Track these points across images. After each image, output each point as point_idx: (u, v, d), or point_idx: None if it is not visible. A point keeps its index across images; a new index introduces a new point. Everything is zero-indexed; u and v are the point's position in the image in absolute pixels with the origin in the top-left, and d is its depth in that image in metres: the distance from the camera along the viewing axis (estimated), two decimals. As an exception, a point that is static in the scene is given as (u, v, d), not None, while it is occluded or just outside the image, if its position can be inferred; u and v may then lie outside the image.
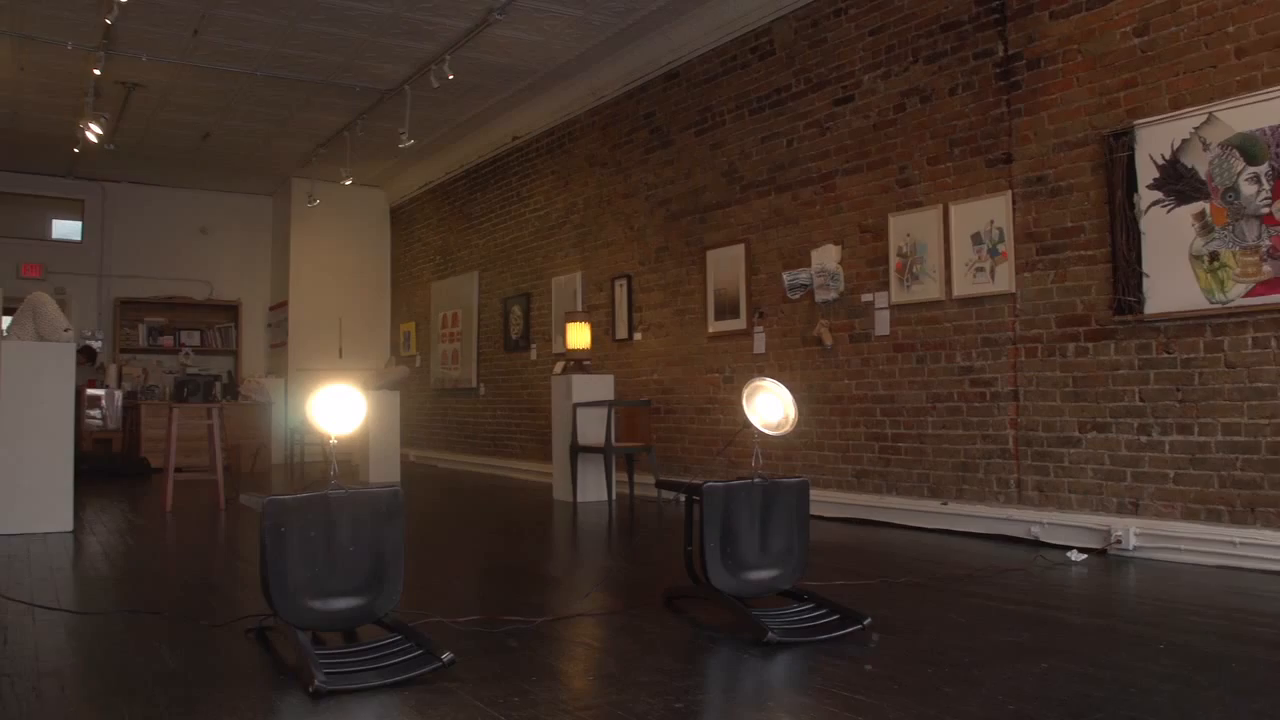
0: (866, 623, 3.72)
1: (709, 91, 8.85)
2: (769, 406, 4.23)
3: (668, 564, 5.37)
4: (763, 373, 7.78)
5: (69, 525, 6.92)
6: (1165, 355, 5.47)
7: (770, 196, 8.11)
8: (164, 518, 7.75)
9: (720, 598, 3.92)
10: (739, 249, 8.40)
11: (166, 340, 15.03)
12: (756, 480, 4.04)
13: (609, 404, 8.66)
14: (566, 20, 9.07)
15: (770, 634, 3.55)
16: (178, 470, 8.57)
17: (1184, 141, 5.36)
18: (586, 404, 8.72)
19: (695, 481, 4.09)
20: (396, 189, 15.39)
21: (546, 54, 9.96)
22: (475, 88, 10.92)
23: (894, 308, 7.04)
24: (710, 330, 8.71)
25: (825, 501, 7.23)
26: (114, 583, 5.18)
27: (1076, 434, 5.89)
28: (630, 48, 9.56)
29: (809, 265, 7.71)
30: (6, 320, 12.07)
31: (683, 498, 4.19)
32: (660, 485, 5.16)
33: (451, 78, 9.75)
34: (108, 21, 8.79)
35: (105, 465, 11.86)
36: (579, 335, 9.29)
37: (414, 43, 9.68)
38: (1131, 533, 5.50)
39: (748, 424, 4.24)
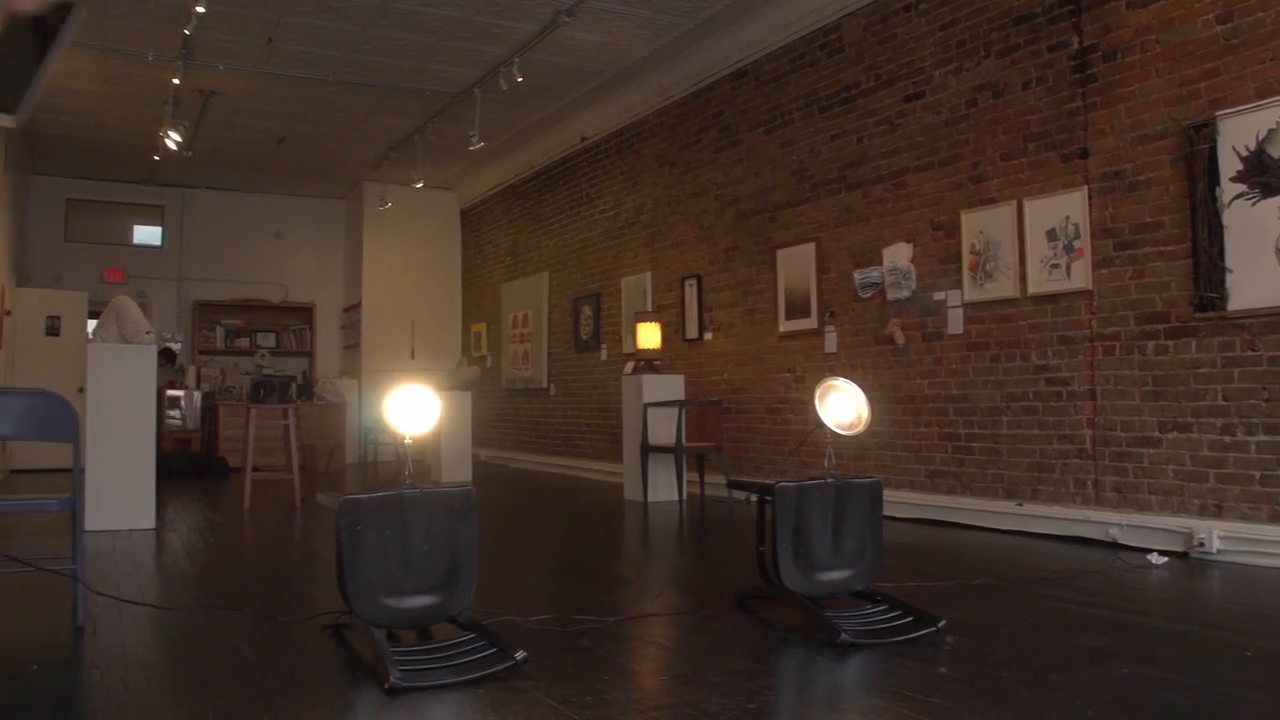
0: (941, 625, 3.68)
1: (778, 90, 8.81)
2: (842, 406, 4.20)
3: (739, 564, 5.35)
4: (834, 372, 7.72)
5: (152, 523, 7.07)
6: (1250, 353, 5.33)
7: (841, 195, 8.05)
8: (242, 516, 7.90)
9: (792, 598, 3.90)
10: (809, 248, 8.34)
11: (243, 342, 15.31)
12: (829, 480, 4.01)
13: (679, 404, 8.66)
14: (634, 21, 9.09)
15: (843, 635, 3.52)
16: (255, 469, 8.72)
17: (1270, 132, 5.22)
18: (657, 404, 8.73)
19: (767, 481, 4.07)
20: (467, 191, 15.52)
21: (614, 55, 9.99)
22: (544, 89, 10.98)
23: (967, 306, 6.94)
24: (781, 330, 8.67)
25: (897, 502, 7.15)
26: (195, 579, 5.29)
27: (1156, 434, 5.76)
28: (698, 47, 9.55)
29: (880, 263, 7.64)
30: (92, 323, 12.38)
31: (754, 498, 4.17)
32: (731, 485, 5.15)
33: (520, 80, 9.81)
34: (186, 32, 8.99)
35: (185, 464, 12.12)
36: (649, 335, 9.30)
37: (483, 46, 9.76)
38: (1215, 535, 5.36)
39: (820, 424, 4.21)
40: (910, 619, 3.76)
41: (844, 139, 8.03)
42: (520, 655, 3.19)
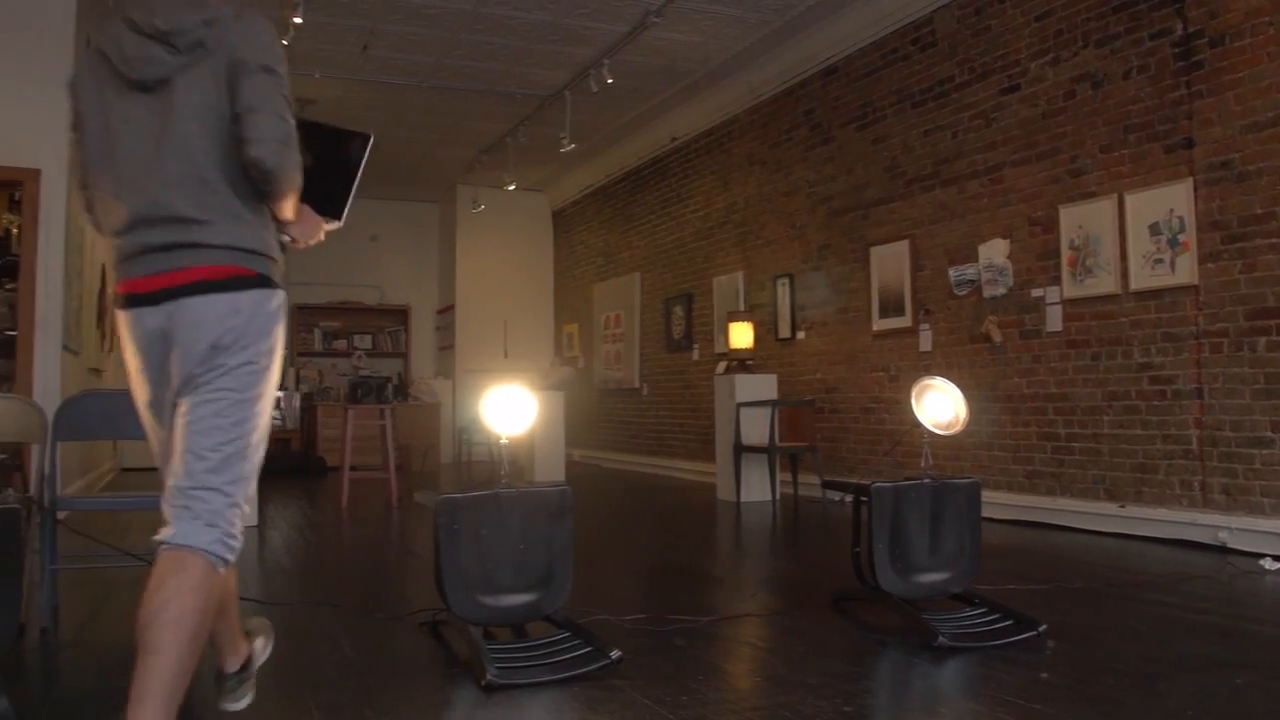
0: (1041, 629, 3.60)
1: (869, 86, 8.71)
2: (939, 405, 4.14)
3: (833, 565, 5.31)
4: (929, 371, 7.61)
5: (254, 520, 7.24)
6: (1367, 348, 5.13)
7: (935, 191, 7.94)
8: (340, 514, 8.06)
9: (889, 600, 3.86)
10: (903, 245, 8.24)
11: (340, 344, 15.61)
12: (926, 481, 3.96)
13: (772, 403, 8.62)
14: (723, 20, 9.07)
15: (941, 638, 3.47)
16: (352, 469, 8.89)
17: (1386, 120, 5.02)
18: (750, 404, 8.70)
19: (862, 482, 4.03)
20: (558, 192, 15.63)
21: (704, 54, 9.98)
22: (634, 90, 11.01)
23: (1066, 302, 6.79)
24: (874, 328, 8.58)
25: (995, 503, 7.03)
26: (296, 575, 5.41)
27: (1269, 434, 5.57)
28: (788, 45, 9.49)
29: (976, 260, 7.51)
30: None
31: (849, 498, 4.13)
32: (826, 485, 5.11)
33: (610, 81, 9.85)
34: (284, 43, 9.15)
35: (285, 464, 12.39)
36: (741, 335, 9.27)
37: (572, 48, 9.83)
38: (1331, 537, 5.17)
39: (916, 423, 4.15)
40: (1010, 622, 3.69)
41: (938, 134, 7.91)
42: (615, 654, 3.21)
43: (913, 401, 4.15)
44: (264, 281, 2.41)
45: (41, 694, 3.03)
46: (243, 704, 2.70)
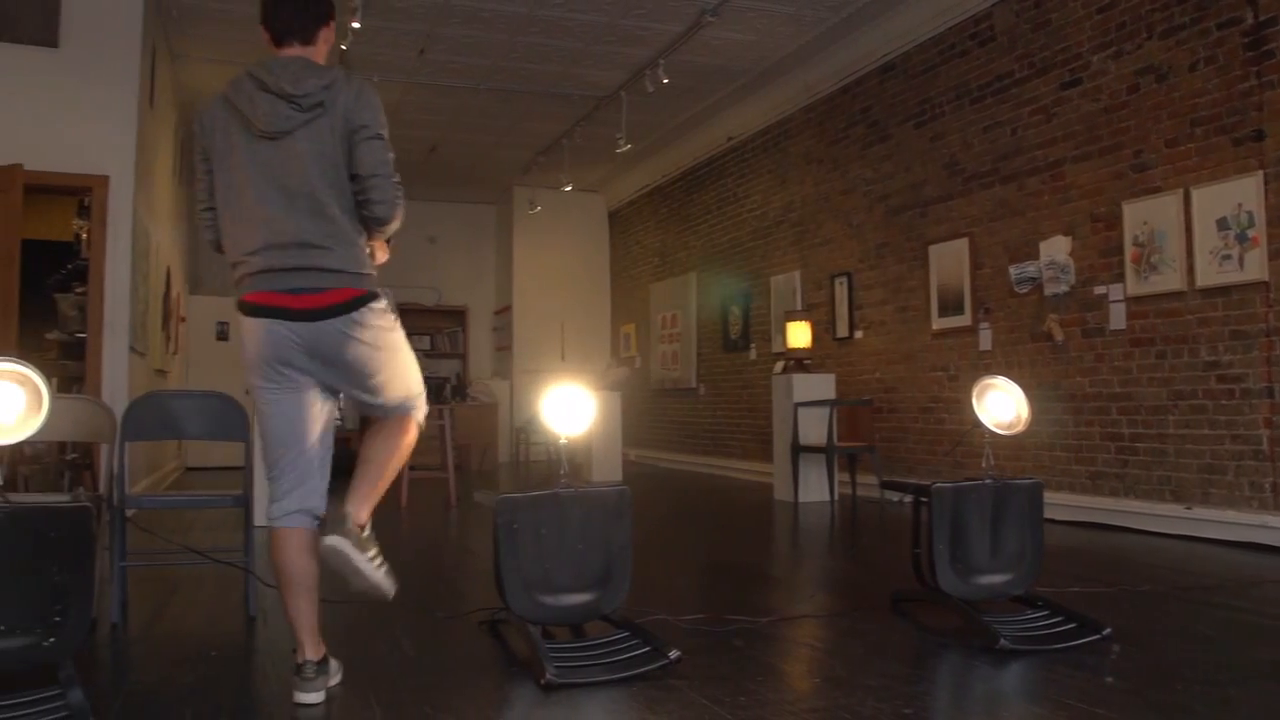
0: (1106, 632, 3.54)
1: (927, 82, 8.63)
2: (1000, 405, 4.09)
3: (892, 566, 5.26)
4: (989, 370, 7.52)
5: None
6: None
7: (994, 188, 7.84)
8: (399, 513, 8.12)
9: (949, 602, 3.82)
10: (962, 243, 8.15)
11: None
12: (987, 481, 3.91)
13: (830, 403, 8.57)
14: (779, 18, 9.03)
15: (1002, 640, 3.43)
16: (411, 468, 8.95)
17: None
18: (807, 403, 8.65)
19: (922, 482, 4.00)
20: (614, 193, 15.67)
21: (759, 53, 9.95)
22: (689, 90, 11.01)
23: (1130, 300, 6.68)
24: (934, 327, 8.50)
25: (1057, 504, 6.92)
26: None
27: (1341, 432, 5.44)
28: (844, 42, 9.43)
29: (1037, 258, 7.41)
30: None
31: (909, 499, 4.09)
32: (885, 485, 5.08)
33: (666, 81, 9.86)
34: (343, 48, 9.30)
35: (345, 463, 12.50)
36: (799, 334, 9.23)
37: (628, 49, 9.84)
38: (1407, 540, 5.04)
39: (977, 423, 4.11)
40: (1073, 626, 3.64)
41: (997, 130, 7.82)
42: (674, 654, 3.21)
43: (974, 401, 4.11)
44: (372, 296, 3.01)
45: (113, 687, 3.09)
46: (313, 697, 2.97)
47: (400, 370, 3.14)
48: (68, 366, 7.86)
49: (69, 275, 8.39)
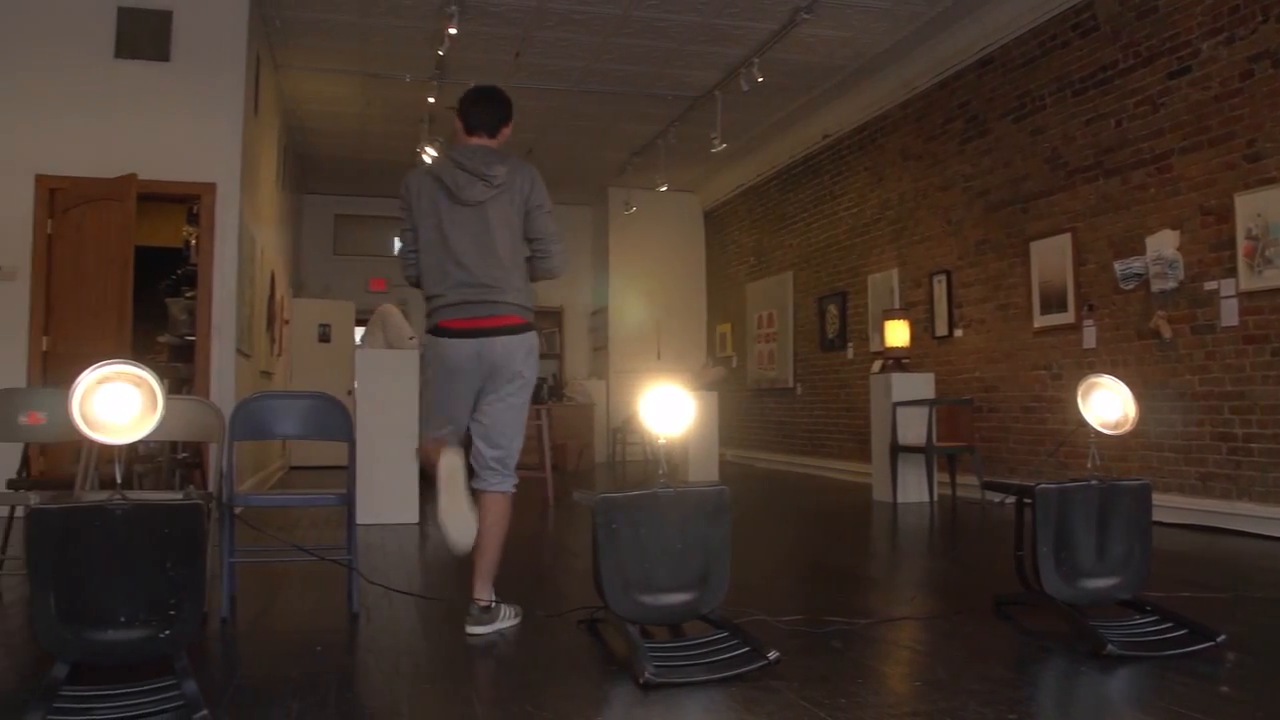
0: (1220, 639, 3.42)
1: (1026, 75, 8.45)
2: (1107, 404, 3.98)
3: (994, 568, 5.17)
4: (1093, 369, 7.34)
5: (415, 518, 7.46)
6: None
7: (1098, 182, 7.65)
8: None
9: (1054, 605, 3.73)
10: (1065, 239, 7.97)
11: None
12: (1093, 482, 3.81)
13: (929, 403, 8.45)
14: (874, 14, 8.93)
15: (1110, 646, 3.34)
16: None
17: None
18: (906, 403, 8.54)
19: (1025, 483, 3.91)
20: (710, 192, 15.64)
21: (855, 49, 9.85)
22: (784, 88, 10.94)
23: (1243, 295, 6.45)
24: (1035, 325, 8.32)
25: (1165, 506, 6.71)
26: (454, 571, 5.52)
27: None
28: (941, 36, 9.29)
29: (1143, 253, 7.21)
30: (359, 330, 13.16)
31: (1011, 500, 4.01)
32: (987, 486, 4.98)
33: (761, 80, 9.82)
34: (440, 53, 9.46)
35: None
36: (897, 333, 9.11)
37: (722, 48, 9.82)
38: None
39: (1082, 423, 4.00)
40: (1184, 632, 3.52)
41: (1100, 122, 7.62)
42: (773, 655, 3.19)
43: (1078, 400, 4.00)
44: (531, 326, 4.00)
45: (223, 680, 3.18)
46: (479, 631, 3.81)
47: (521, 418, 4.07)
48: (178, 368, 8.11)
49: (179, 280, 8.66)
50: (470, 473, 3.99)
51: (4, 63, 7.77)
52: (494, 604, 3.89)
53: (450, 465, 3.87)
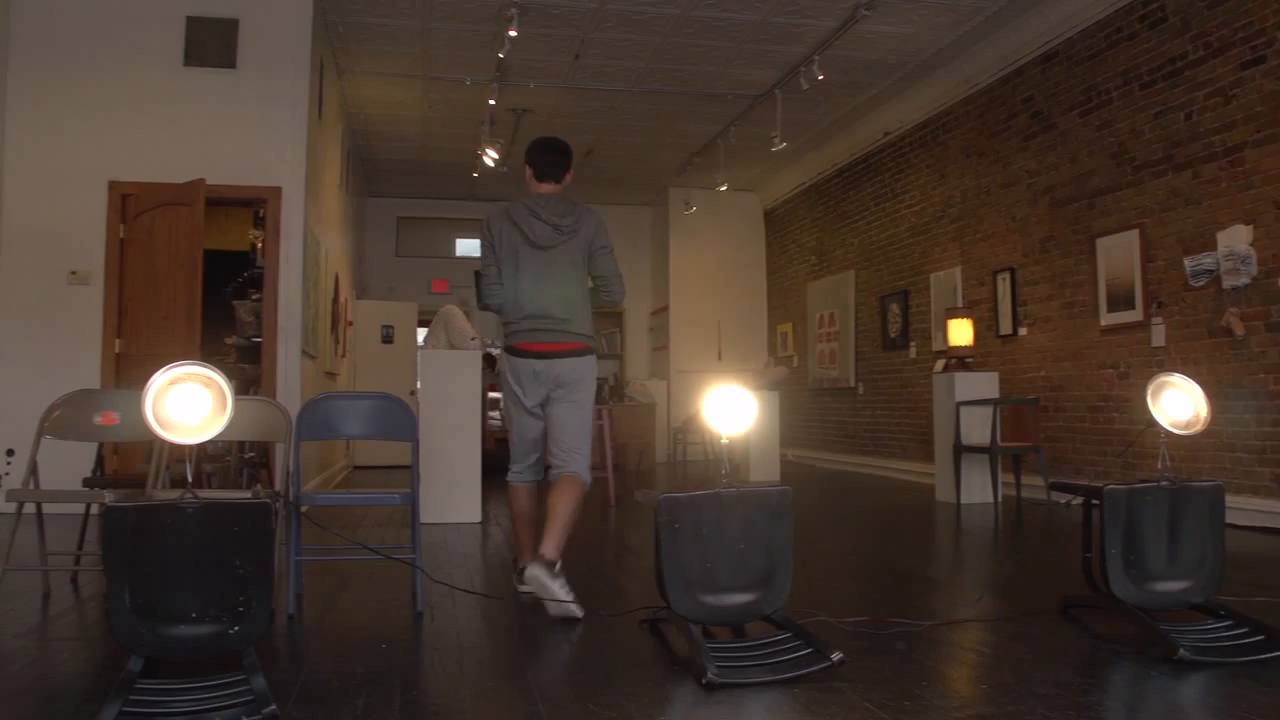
0: (1298, 644, 3.35)
1: (1092, 69, 8.31)
2: (1178, 404, 3.90)
3: (1060, 570, 5.09)
4: (1162, 367, 7.20)
5: (478, 517, 7.52)
6: None
7: (1167, 176, 7.50)
8: (561, 513, 8.24)
9: (1122, 609, 3.67)
10: (1132, 235, 7.83)
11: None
12: (1163, 483, 3.74)
13: (994, 402, 8.35)
14: (935, 9, 8.85)
15: (1181, 651, 3.27)
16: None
17: None
18: (970, 402, 8.45)
19: (1094, 484, 3.85)
20: (769, 191, 15.59)
21: (916, 45, 9.76)
22: (845, 86, 10.87)
23: (1320, 292, 6.30)
24: (1102, 323, 8.18)
25: (1239, 508, 6.57)
26: (517, 569, 5.57)
27: None
28: (1003, 31, 9.17)
29: (1214, 249, 7.05)
30: (422, 332, 13.28)
31: (1079, 501, 3.95)
32: (1054, 487, 4.90)
33: (821, 78, 9.77)
34: (500, 56, 9.52)
35: (504, 463, 12.72)
36: (960, 332, 9.01)
37: (782, 46, 9.78)
38: None
39: (1152, 423, 3.93)
40: (1260, 638, 3.44)
41: (1169, 116, 7.48)
42: (837, 656, 3.17)
43: (1148, 399, 3.93)
44: (591, 350, 4.70)
45: (290, 676, 3.22)
46: (523, 588, 4.34)
47: (587, 421, 4.70)
48: (245, 370, 8.24)
49: (245, 283, 8.80)
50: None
51: (79, 74, 7.97)
52: (558, 567, 4.25)
53: (534, 575, 4.17)
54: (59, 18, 8.00)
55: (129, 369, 7.72)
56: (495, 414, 14.36)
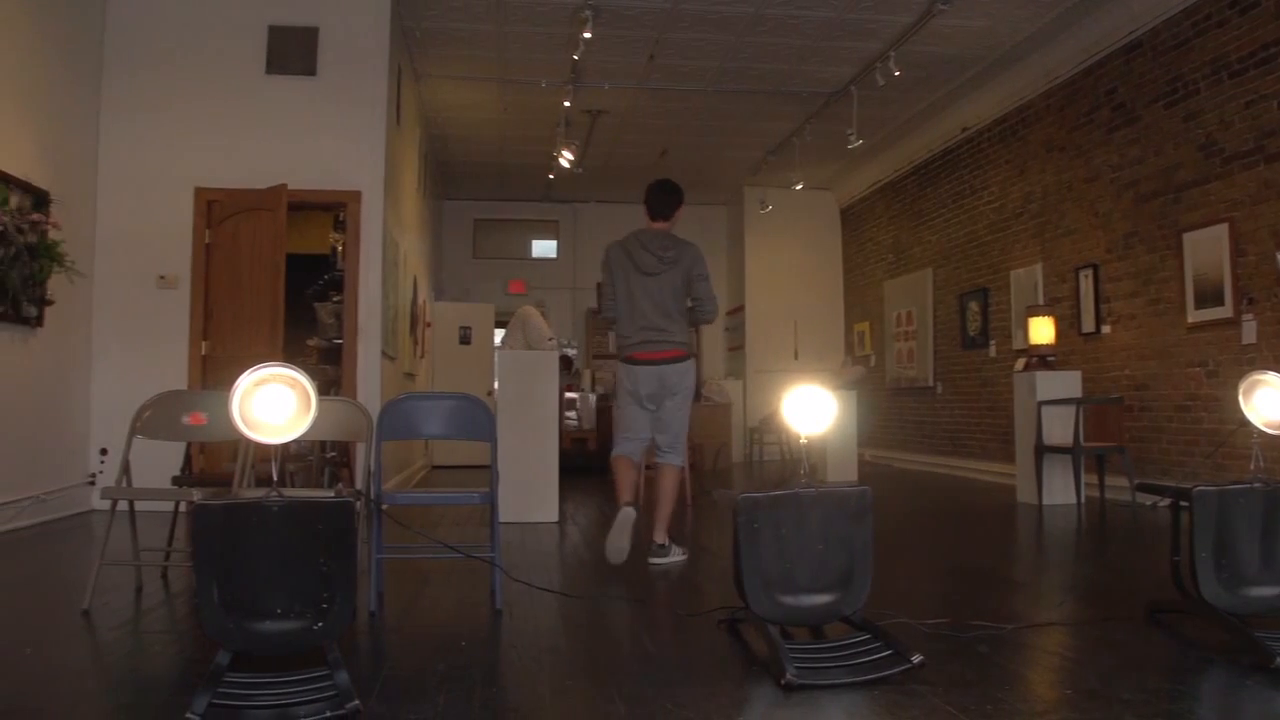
0: (1400, 652, 3.24)
1: (1178, 58, 8.11)
2: (1272, 403, 3.79)
3: (1147, 574, 4.99)
4: (1253, 365, 7.00)
5: (555, 516, 7.56)
6: None
7: (1259, 168, 7.30)
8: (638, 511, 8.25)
9: (1213, 614, 3.57)
10: (1221, 229, 7.63)
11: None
12: (1257, 485, 3.64)
13: (1077, 401, 8.19)
14: (1014, 1, 8.71)
15: (1278, 660, 3.18)
16: (647, 468, 9.09)
17: None
18: (1052, 402, 8.30)
19: (1182, 485, 3.75)
20: (845, 189, 15.46)
21: (994, 39, 9.62)
22: (921, 81, 10.75)
23: None
24: (1189, 320, 7.98)
25: (1337, 509, 6.36)
26: (593, 569, 5.59)
27: None
28: (1084, 22, 9.00)
29: (1309, 243, 6.85)
30: (498, 333, 13.40)
31: (1166, 502, 3.86)
32: (1141, 488, 4.81)
33: (897, 74, 9.67)
34: (575, 58, 9.57)
35: (581, 462, 12.81)
36: (1042, 330, 8.85)
37: (857, 43, 9.70)
38: None
39: (1244, 422, 3.82)
40: (1361, 644, 3.33)
41: (1261, 105, 7.27)
42: (917, 658, 3.13)
43: (1240, 398, 3.82)
44: (689, 356, 5.71)
45: (372, 672, 3.27)
46: (657, 562, 5.56)
47: (686, 417, 5.81)
48: (326, 370, 8.39)
49: (326, 285, 8.95)
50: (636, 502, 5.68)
51: (167, 84, 8.19)
52: (667, 544, 5.61)
53: (626, 515, 5.44)
54: (149, 33, 8.22)
55: (214, 370, 7.90)
56: (571, 414, 14.46)
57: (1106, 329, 9.08)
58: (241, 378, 3.02)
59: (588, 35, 8.78)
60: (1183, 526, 3.70)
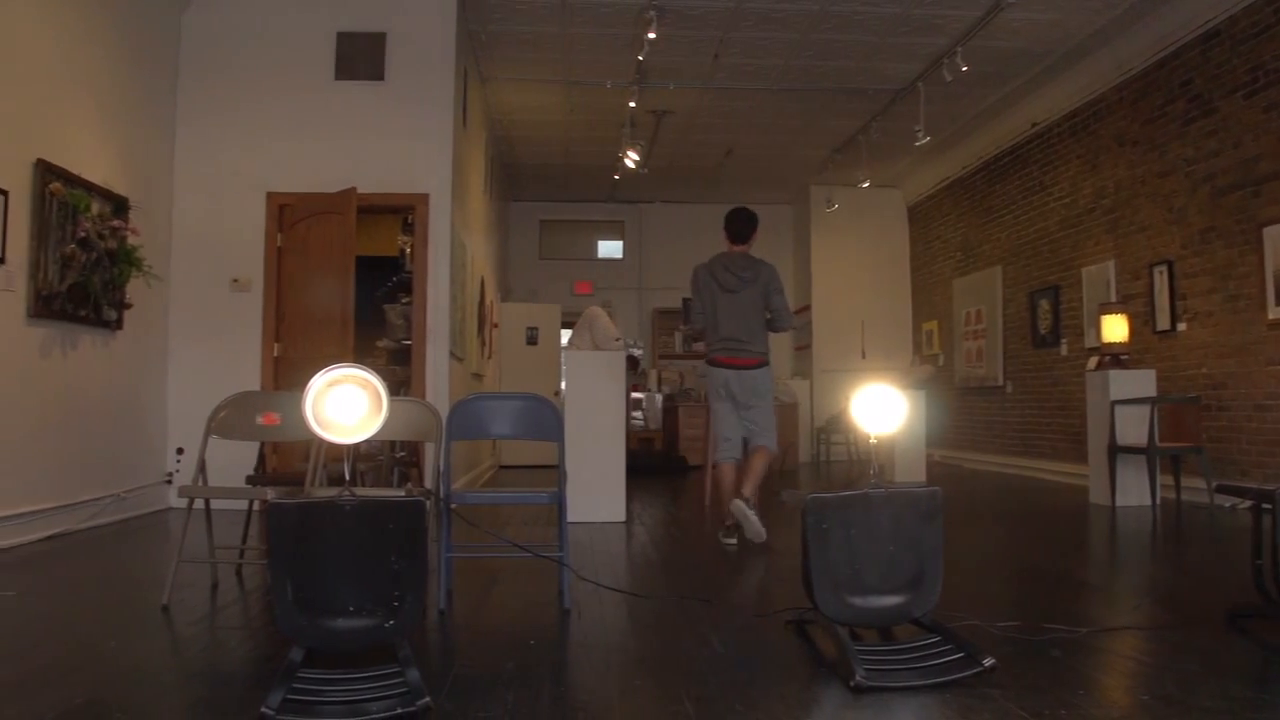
0: None
1: (1259, 47, 7.91)
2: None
3: (1226, 577, 4.88)
4: (1338, 362, 6.81)
5: (622, 516, 7.57)
6: None
7: (1341, 161, 7.10)
8: (702, 511, 8.26)
9: (1297, 618, 3.49)
10: (1303, 223, 7.43)
11: (700, 346, 15.94)
12: (1339, 486, 3.55)
13: (1151, 401, 8.03)
14: (1086, -6, 8.57)
15: (1363, 663, 3.10)
16: (714, 467, 9.09)
17: None
18: (1126, 401, 8.15)
19: (1264, 487, 3.67)
20: (912, 187, 15.31)
21: (1063, 32, 9.46)
22: (989, 77, 10.61)
23: None
24: (1270, 317, 7.78)
25: None
26: (661, 569, 5.60)
27: None
28: (1158, 12, 8.82)
29: (1395, 237, 6.65)
30: (565, 333, 13.47)
31: (1247, 504, 3.77)
32: (1220, 490, 4.69)
33: (964, 69, 9.55)
34: (640, 59, 9.58)
35: (648, 462, 12.84)
36: (1115, 328, 8.70)
37: (923, 39, 9.60)
38: None
39: (1325, 422, 3.72)
40: None
41: (1344, 98, 7.07)
42: (988, 662, 3.09)
43: (1322, 397, 3.73)
44: (768, 362, 6.62)
45: (442, 669, 3.30)
46: (748, 511, 6.24)
47: (772, 414, 6.65)
48: (395, 371, 8.48)
49: (395, 287, 9.05)
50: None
51: (239, 91, 8.37)
52: (755, 505, 6.30)
53: (739, 506, 6.23)
54: (222, 42, 8.40)
55: (286, 371, 8.03)
56: (638, 414, 14.48)
57: (1182, 326, 8.89)
58: (315, 378, 3.07)
59: (652, 36, 8.79)
60: (1265, 529, 3.61)
